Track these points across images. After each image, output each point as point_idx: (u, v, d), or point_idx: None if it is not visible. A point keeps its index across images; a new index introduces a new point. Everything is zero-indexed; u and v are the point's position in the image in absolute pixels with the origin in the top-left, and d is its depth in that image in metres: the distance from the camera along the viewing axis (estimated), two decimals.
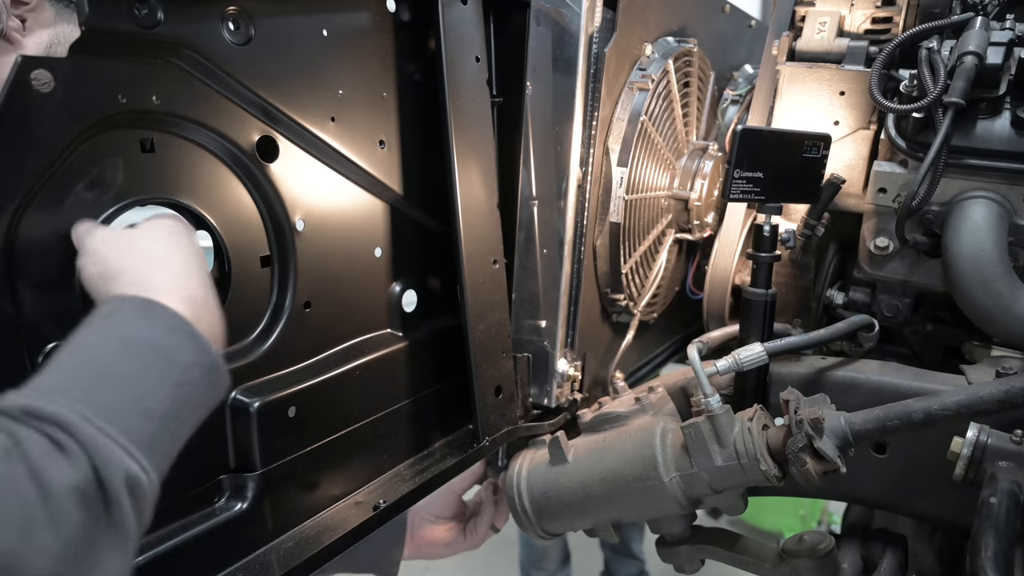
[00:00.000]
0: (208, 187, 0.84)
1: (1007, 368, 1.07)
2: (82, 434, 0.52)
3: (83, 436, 0.52)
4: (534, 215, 1.18)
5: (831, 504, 3.42)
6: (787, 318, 1.35)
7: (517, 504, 1.17)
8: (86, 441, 0.51)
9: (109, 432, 0.53)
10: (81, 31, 0.68)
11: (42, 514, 0.47)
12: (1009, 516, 0.81)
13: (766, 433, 0.99)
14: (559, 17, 1.13)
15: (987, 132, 1.11)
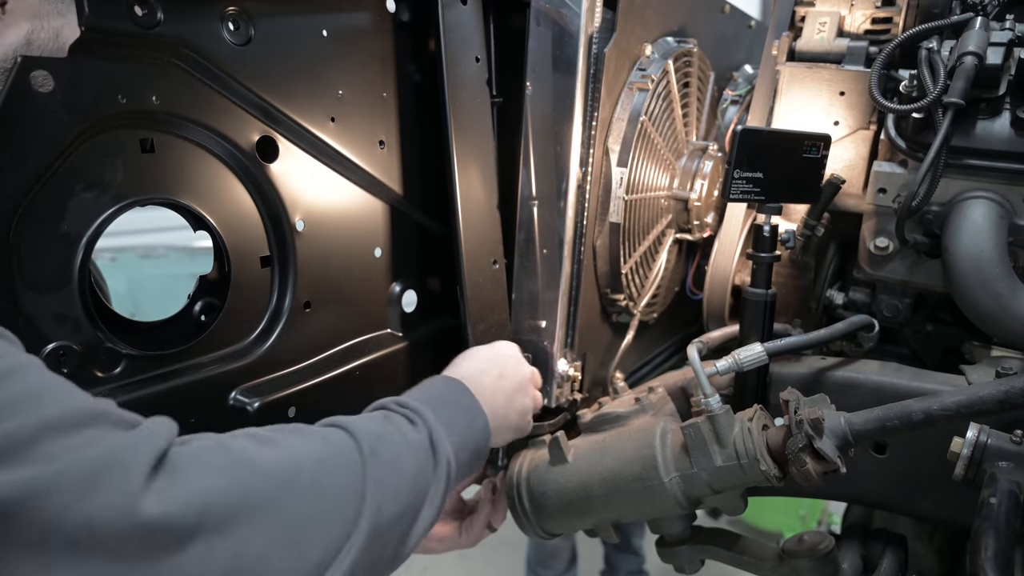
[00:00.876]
0: (208, 187, 0.84)
1: (1007, 368, 1.07)
2: (429, 421, 0.82)
3: (426, 418, 0.82)
4: (534, 215, 1.18)
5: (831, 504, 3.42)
6: (787, 318, 1.35)
7: (517, 504, 1.17)
8: (430, 425, 0.81)
9: (442, 430, 0.82)
10: (81, 31, 0.68)
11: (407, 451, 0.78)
12: (1009, 516, 0.81)
13: (766, 433, 0.99)
14: (559, 17, 1.13)
15: (987, 132, 1.11)
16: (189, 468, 0.57)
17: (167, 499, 0.54)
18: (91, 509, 0.49)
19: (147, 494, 0.53)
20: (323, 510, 0.65)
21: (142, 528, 0.52)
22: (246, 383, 0.88)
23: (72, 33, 0.69)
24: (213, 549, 0.55)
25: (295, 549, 0.62)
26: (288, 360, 0.94)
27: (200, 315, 0.93)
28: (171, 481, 0.55)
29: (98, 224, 0.74)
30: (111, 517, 0.50)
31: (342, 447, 0.72)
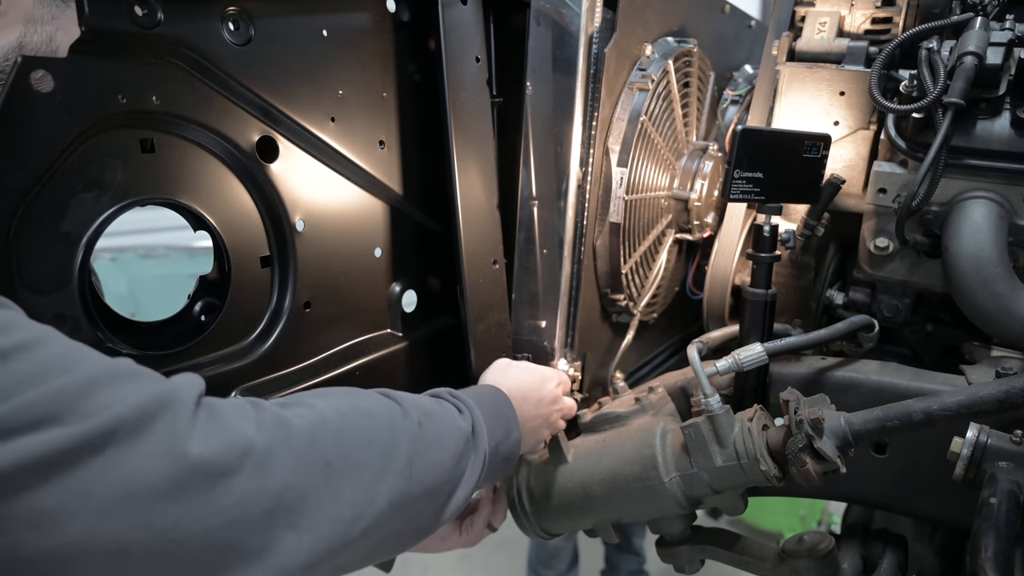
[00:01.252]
0: (208, 187, 0.84)
1: (1007, 368, 1.07)
2: (476, 416, 0.88)
3: (473, 412, 0.89)
4: (534, 215, 1.18)
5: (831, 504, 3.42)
6: (787, 318, 1.35)
7: (517, 504, 1.17)
8: (476, 419, 0.88)
9: (484, 428, 0.89)
10: (81, 31, 0.68)
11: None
12: (1009, 516, 0.81)
13: (766, 433, 0.99)
14: (559, 17, 1.13)
15: (987, 132, 1.11)
16: (228, 413, 0.61)
17: (212, 439, 0.57)
18: (144, 452, 0.52)
19: (194, 435, 0.56)
20: (359, 457, 0.69)
21: (191, 466, 0.55)
22: (246, 383, 0.88)
23: (66, 38, 0.69)
24: (256, 487, 0.59)
25: (331, 489, 0.65)
26: (288, 360, 0.94)
27: (200, 315, 0.93)
28: (213, 423, 0.58)
29: (98, 224, 0.74)
30: (162, 458, 0.53)
31: (387, 409, 0.77)
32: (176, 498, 0.54)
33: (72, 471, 0.49)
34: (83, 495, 0.50)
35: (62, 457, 0.49)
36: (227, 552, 0.57)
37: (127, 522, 0.52)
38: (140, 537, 0.52)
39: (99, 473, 0.50)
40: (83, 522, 0.50)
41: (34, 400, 0.49)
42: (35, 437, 0.48)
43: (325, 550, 0.65)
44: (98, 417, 0.51)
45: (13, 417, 0.47)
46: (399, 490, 0.73)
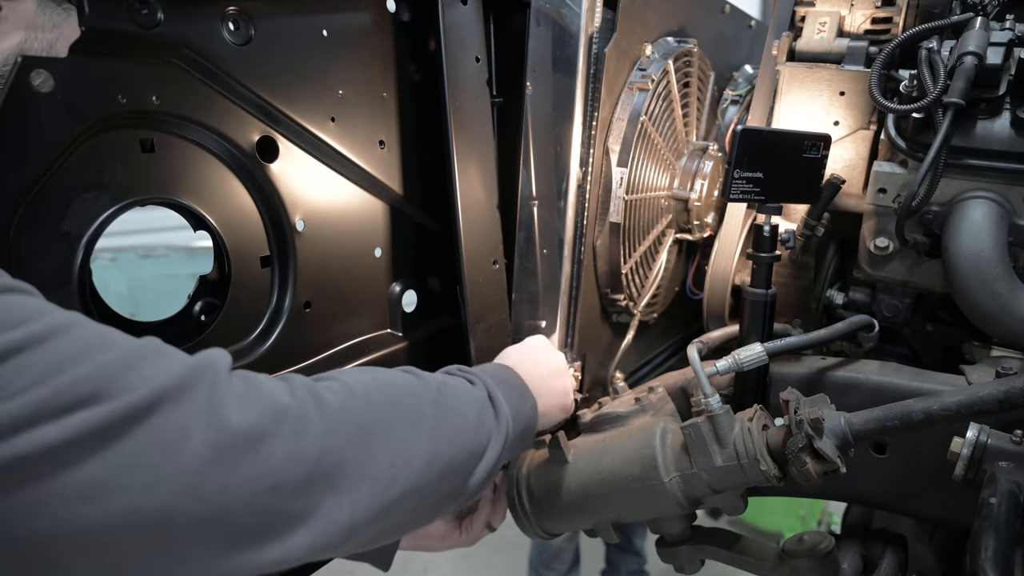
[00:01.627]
0: (208, 187, 0.84)
1: (1007, 368, 1.07)
2: (488, 384, 0.90)
3: (486, 382, 0.90)
4: (534, 215, 1.18)
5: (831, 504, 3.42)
6: (787, 318, 1.35)
7: (517, 504, 1.17)
8: (489, 387, 0.90)
9: (500, 394, 0.90)
10: (81, 31, 0.68)
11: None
12: (1009, 516, 0.81)
13: (766, 433, 0.99)
14: (559, 17, 1.13)
15: (987, 132, 1.11)
16: (262, 382, 0.63)
17: (250, 405, 0.59)
18: (186, 421, 0.54)
19: (232, 402, 0.57)
20: (390, 421, 0.72)
21: (232, 433, 0.56)
22: None
23: (65, 46, 0.69)
24: (294, 451, 0.60)
25: (366, 452, 0.67)
26: (288, 360, 0.94)
27: (200, 315, 0.93)
28: (249, 390, 0.60)
29: (98, 224, 0.74)
30: (204, 426, 0.55)
31: (406, 380, 0.80)
32: (219, 465, 0.55)
33: (119, 443, 0.50)
34: (130, 466, 0.51)
35: (108, 431, 0.50)
36: (270, 518, 0.59)
37: (172, 491, 0.53)
38: (185, 505, 0.53)
39: (144, 444, 0.51)
40: (129, 493, 0.51)
41: (79, 377, 0.49)
42: (83, 414, 0.49)
43: (365, 512, 0.66)
44: (140, 390, 0.52)
45: (60, 396, 0.48)
46: (431, 451, 0.75)
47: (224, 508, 0.55)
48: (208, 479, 0.54)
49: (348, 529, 0.65)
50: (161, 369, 0.54)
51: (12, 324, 0.48)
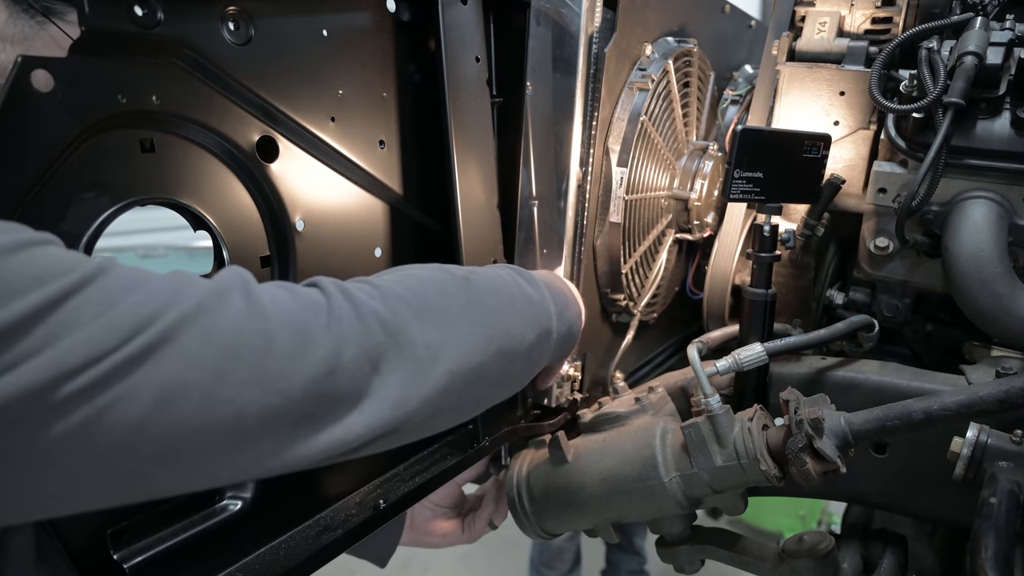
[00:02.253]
0: (208, 187, 0.84)
1: (1007, 368, 1.07)
2: (525, 276, 0.92)
3: (530, 278, 0.93)
4: (534, 215, 1.18)
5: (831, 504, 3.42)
6: (787, 318, 1.35)
7: (517, 504, 1.17)
8: (529, 279, 0.93)
9: (545, 289, 0.93)
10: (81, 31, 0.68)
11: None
12: (1009, 516, 0.81)
13: (766, 433, 0.99)
14: (559, 17, 1.13)
15: (987, 132, 1.11)
16: (290, 283, 0.67)
17: (287, 299, 0.63)
18: (234, 316, 0.58)
19: (269, 297, 0.61)
20: (425, 301, 0.75)
21: (280, 322, 0.60)
22: None
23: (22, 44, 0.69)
24: (340, 337, 0.64)
25: (407, 334, 0.71)
26: None
27: None
28: (283, 288, 0.64)
29: (98, 224, 0.74)
30: (251, 318, 0.59)
31: (429, 269, 0.83)
32: (271, 353, 0.58)
33: (179, 347, 0.54)
34: (193, 365, 0.54)
35: (168, 339, 0.53)
36: (327, 400, 0.62)
37: (236, 382, 0.56)
38: (252, 395, 0.57)
39: (200, 343, 0.55)
40: (199, 391, 0.54)
41: (136, 302, 0.53)
42: (148, 331, 0.52)
43: (413, 390, 0.69)
44: (187, 302, 0.56)
45: (124, 320, 0.52)
46: (470, 330, 0.77)
47: (285, 395, 0.59)
48: (265, 368, 0.58)
49: (399, 406, 0.68)
50: (198, 285, 0.58)
51: (64, 271, 0.51)
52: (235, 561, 0.85)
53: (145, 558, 0.77)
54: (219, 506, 0.86)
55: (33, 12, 0.73)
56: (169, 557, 0.79)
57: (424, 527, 1.29)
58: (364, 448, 0.68)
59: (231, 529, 0.86)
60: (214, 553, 0.84)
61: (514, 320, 0.84)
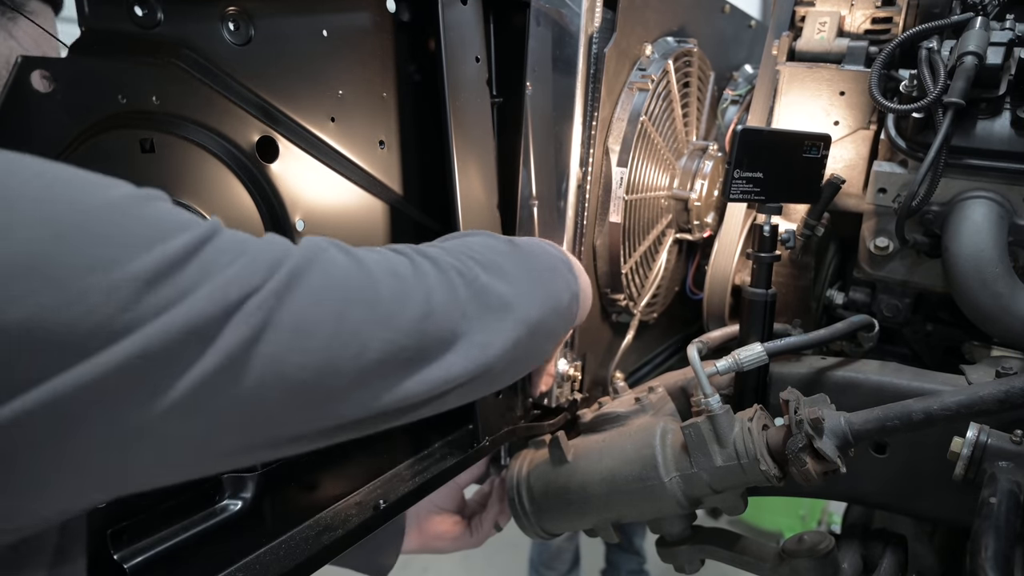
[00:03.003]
0: (208, 187, 0.84)
1: (1007, 368, 1.07)
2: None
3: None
4: (534, 215, 1.18)
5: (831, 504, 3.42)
6: (787, 318, 1.35)
7: (517, 504, 1.17)
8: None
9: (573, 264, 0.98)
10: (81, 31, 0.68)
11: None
12: (1009, 516, 0.81)
13: (766, 433, 0.99)
14: (559, 17, 1.13)
15: (987, 132, 1.11)
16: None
17: (371, 252, 0.67)
18: (340, 259, 0.62)
19: (359, 252, 0.65)
20: (488, 255, 0.79)
21: (375, 273, 0.64)
22: None
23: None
24: (426, 285, 0.68)
25: (487, 279, 0.76)
26: None
27: None
28: (357, 249, 0.67)
29: None
30: (348, 264, 0.62)
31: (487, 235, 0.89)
32: (380, 295, 0.63)
33: (307, 283, 0.57)
34: (320, 301, 0.57)
35: (297, 276, 0.56)
36: (428, 340, 0.66)
37: (356, 317, 0.59)
38: (370, 331, 0.60)
39: (322, 282, 0.58)
40: (326, 324, 0.57)
41: (262, 248, 0.56)
42: (281, 271, 0.55)
43: (495, 336, 0.74)
44: (298, 250, 0.59)
45: (260, 263, 0.54)
46: (528, 287, 0.81)
47: (396, 331, 0.63)
48: (376, 308, 0.61)
49: (485, 350, 0.72)
50: (294, 244, 0.61)
51: (192, 220, 0.53)
52: (235, 561, 0.85)
53: (145, 558, 0.77)
54: (219, 506, 0.86)
55: (3, 8, 0.73)
56: (169, 557, 0.79)
57: (431, 532, 1.29)
58: (460, 390, 0.72)
59: (231, 529, 0.86)
60: (214, 553, 0.84)
61: (557, 281, 0.89)
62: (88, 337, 0.44)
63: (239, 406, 0.52)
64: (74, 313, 0.43)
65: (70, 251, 0.45)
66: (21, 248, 0.43)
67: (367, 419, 0.64)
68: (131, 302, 0.46)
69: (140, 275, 0.46)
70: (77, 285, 0.44)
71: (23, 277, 0.42)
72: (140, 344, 0.46)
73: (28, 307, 0.42)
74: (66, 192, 0.47)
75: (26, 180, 0.46)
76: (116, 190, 0.50)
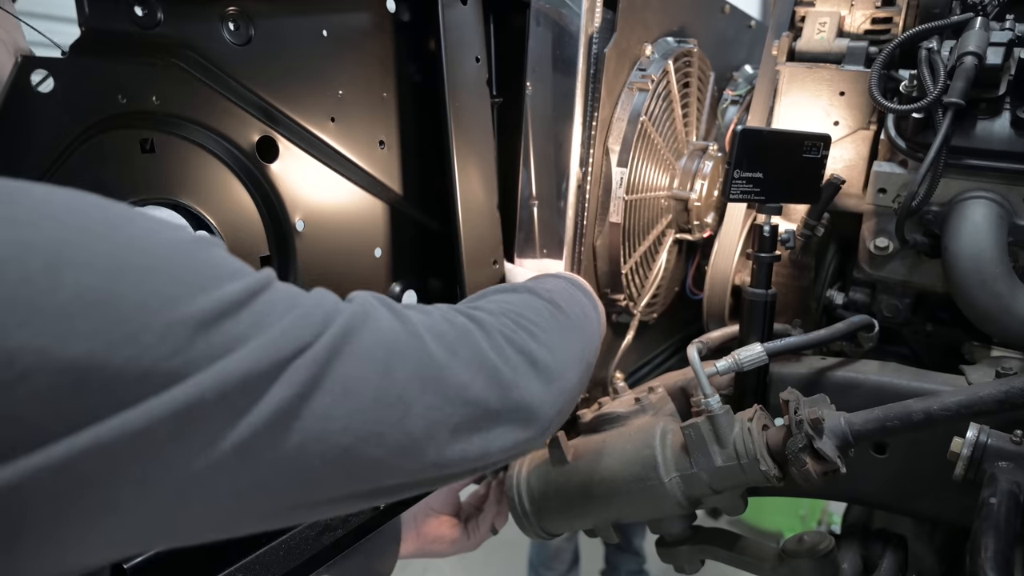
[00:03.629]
0: (208, 187, 0.84)
1: (1007, 368, 1.07)
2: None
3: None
4: (534, 215, 1.18)
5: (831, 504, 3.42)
6: (787, 318, 1.35)
7: (517, 504, 1.17)
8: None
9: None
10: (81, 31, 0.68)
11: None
12: (1009, 516, 0.81)
13: (766, 433, 0.99)
14: (559, 17, 1.13)
15: (987, 132, 1.11)
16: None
17: (419, 314, 0.67)
18: (386, 332, 0.60)
19: (407, 316, 0.64)
20: (530, 313, 0.78)
21: (420, 332, 0.63)
22: None
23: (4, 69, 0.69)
24: (468, 353, 0.67)
25: (552, 357, 0.75)
26: None
27: None
28: (405, 307, 0.67)
29: None
30: (396, 325, 0.62)
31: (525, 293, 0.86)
32: (430, 355, 0.62)
33: (358, 341, 0.56)
34: (369, 360, 0.56)
35: (350, 333, 0.55)
36: (475, 409, 0.64)
37: (402, 377, 0.58)
38: (415, 392, 0.59)
39: (372, 340, 0.57)
40: (374, 384, 0.56)
41: (313, 303, 0.55)
42: (334, 327, 0.54)
43: (546, 408, 0.72)
44: (349, 307, 0.58)
45: (313, 319, 0.53)
46: (571, 350, 0.80)
47: (442, 396, 0.61)
48: (425, 369, 0.60)
49: (532, 421, 0.71)
50: (340, 303, 0.59)
51: (244, 269, 0.52)
52: (235, 561, 0.85)
53: (145, 558, 0.77)
54: None
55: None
56: (169, 557, 0.79)
57: (428, 535, 1.29)
58: (501, 460, 0.70)
59: None
60: (214, 553, 0.84)
61: (590, 331, 0.89)
62: (140, 381, 0.42)
63: (282, 465, 0.50)
64: (127, 354, 0.42)
65: (129, 289, 0.43)
66: (84, 284, 0.41)
67: (406, 485, 0.62)
68: (184, 346, 0.44)
69: (195, 317, 0.45)
70: (132, 323, 0.43)
71: (80, 315, 0.41)
72: (193, 393, 0.44)
73: (85, 345, 0.40)
74: (129, 229, 0.46)
75: (86, 214, 0.45)
76: (177, 232, 0.49)
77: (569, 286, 0.93)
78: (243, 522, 0.53)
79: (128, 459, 0.43)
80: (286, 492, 0.52)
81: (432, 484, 0.65)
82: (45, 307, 0.40)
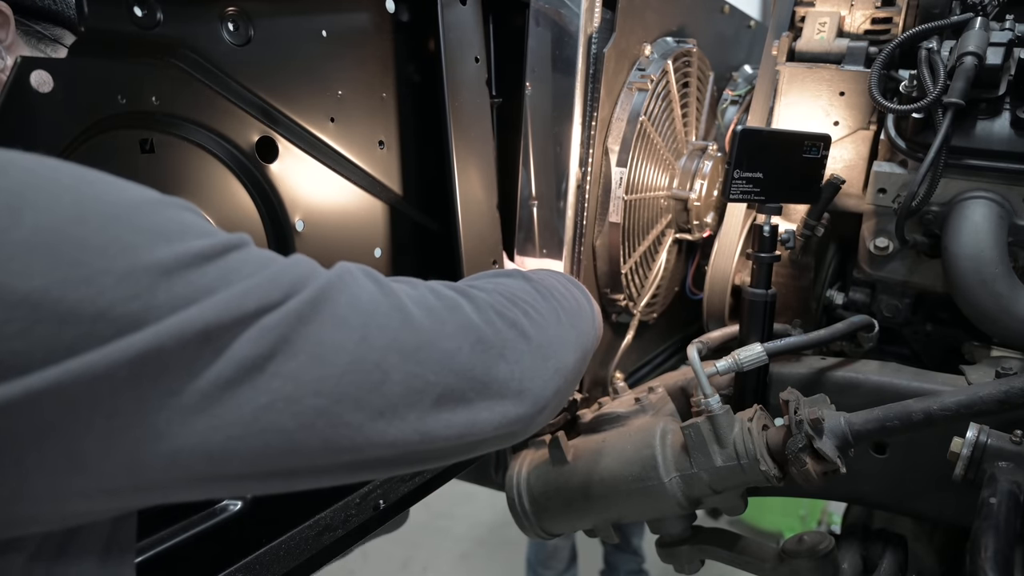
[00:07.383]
0: (208, 188, 0.84)
1: (1007, 368, 1.07)
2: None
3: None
4: (534, 215, 1.18)
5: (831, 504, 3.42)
6: (787, 318, 1.35)
7: (517, 504, 1.17)
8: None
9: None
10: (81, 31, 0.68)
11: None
12: (1009, 516, 0.81)
13: (766, 433, 0.99)
14: (558, 17, 1.13)
15: (987, 132, 1.11)
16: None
17: (400, 283, 0.67)
18: (364, 299, 0.59)
19: (389, 285, 0.64)
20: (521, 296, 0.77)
21: (402, 301, 0.63)
22: None
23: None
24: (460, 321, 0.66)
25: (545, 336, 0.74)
26: None
27: None
28: (398, 281, 0.68)
29: None
30: (376, 292, 0.62)
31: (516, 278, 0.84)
32: (411, 325, 0.60)
33: (332, 304, 0.55)
34: (343, 325, 0.55)
35: (323, 296, 0.55)
36: (462, 381, 0.63)
37: (380, 344, 0.57)
38: (394, 361, 0.58)
39: (348, 306, 0.56)
40: (348, 350, 0.55)
41: (287, 265, 0.55)
42: (306, 291, 0.54)
43: (537, 384, 0.70)
44: (326, 273, 0.58)
45: (284, 279, 0.53)
46: (565, 333, 0.79)
47: (424, 366, 0.60)
48: (404, 338, 0.59)
49: (523, 398, 0.69)
50: (318, 268, 0.59)
51: (215, 229, 0.51)
52: (235, 561, 0.85)
53: (145, 558, 0.77)
54: (219, 506, 0.86)
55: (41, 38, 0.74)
56: (169, 557, 0.79)
57: None
58: (495, 440, 0.68)
59: (231, 529, 0.86)
60: (214, 553, 0.84)
61: (584, 321, 0.88)
62: (94, 320, 0.42)
63: (249, 426, 0.49)
64: (82, 293, 0.41)
65: (90, 233, 0.43)
66: (43, 224, 0.41)
67: (390, 459, 0.60)
68: (143, 292, 0.44)
69: (158, 265, 0.45)
70: (90, 266, 0.42)
71: (37, 252, 0.41)
72: (151, 340, 0.43)
73: (39, 281, 0.40)
74: (98, 185, 0.46)
75: (58, 169, 0.45)
76: (149, 193, 0.49)
77: (564, 280, 0.93)
78: (219, 483, 0.52)
79: (89, 405, 0.42)
80: (259, 454, 0.51)
81: (420, 461, 0.63)
82: (1, 243, 0.40)
